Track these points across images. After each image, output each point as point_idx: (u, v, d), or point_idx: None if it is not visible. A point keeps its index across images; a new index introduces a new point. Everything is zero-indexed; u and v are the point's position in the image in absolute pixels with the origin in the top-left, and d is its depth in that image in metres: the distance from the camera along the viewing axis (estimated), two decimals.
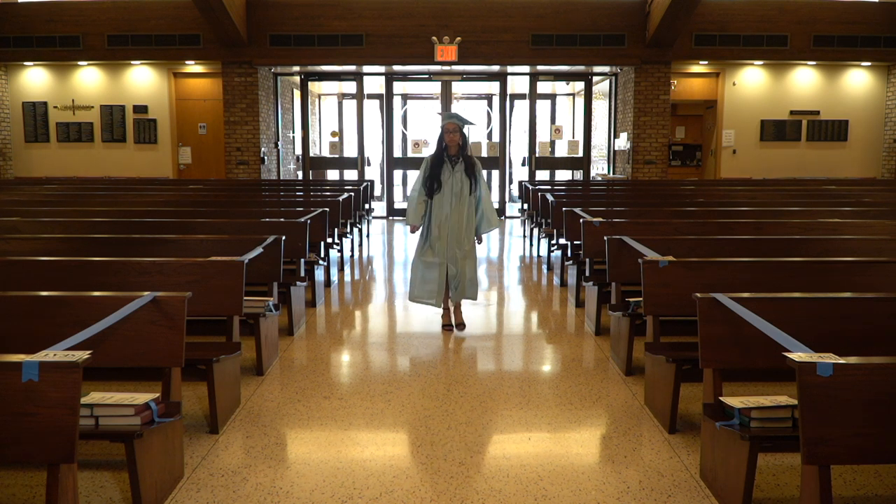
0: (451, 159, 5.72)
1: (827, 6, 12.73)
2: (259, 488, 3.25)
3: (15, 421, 2.41)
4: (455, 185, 5.70)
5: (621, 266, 5.14)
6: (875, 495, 3.21)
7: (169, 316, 3.32)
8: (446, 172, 5.70)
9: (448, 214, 5.72)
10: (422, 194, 5.73)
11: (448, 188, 5.70)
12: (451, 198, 5.71)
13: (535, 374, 5.02)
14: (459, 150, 5.73)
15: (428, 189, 5.71)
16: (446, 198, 5.71)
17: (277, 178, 13.91)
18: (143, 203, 8.29)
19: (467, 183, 5.71)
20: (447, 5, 12.63)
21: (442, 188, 5.70)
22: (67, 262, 4.41)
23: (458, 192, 5.70)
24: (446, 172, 5.70)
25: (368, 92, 14.79)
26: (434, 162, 5.73)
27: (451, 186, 5.70)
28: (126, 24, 12.70)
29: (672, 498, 3.19)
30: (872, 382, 2.51)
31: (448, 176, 5.70)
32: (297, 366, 5.09)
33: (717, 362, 3.34)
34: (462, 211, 5.73)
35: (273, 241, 5.28)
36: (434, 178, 5.70)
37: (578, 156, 14.29)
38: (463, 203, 5.72)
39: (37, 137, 13.59)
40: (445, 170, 5.70)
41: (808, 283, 4.25)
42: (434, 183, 5.69)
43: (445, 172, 5.70)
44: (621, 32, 12.64)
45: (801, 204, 8.11)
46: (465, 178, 5.70)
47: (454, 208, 5.71)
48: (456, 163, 5.72)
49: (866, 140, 13.66)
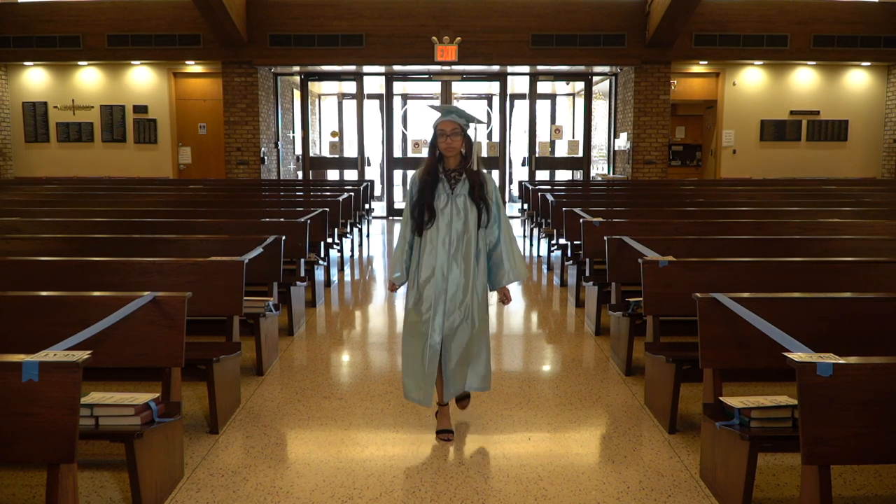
0: (448, 176, 3.73)
1: (827, 6, 12.73)
2: (259, 488, 3.25)
3: (15, 421, 2.41)
4: (455, 216, 3.71)
5: (621, 266, 5.14)
6: (875, 495, 3.21)
7: (169, 316, 3.32)
8: (442, 197, 3.72)
9: (444, 264, 3.70)
10: (405, 231, 3.81)
11: (444, 222, 3.70)
12: (449, 237, 3.71)
13: (535, 374, 5.02)
14: (461, 161, 3.75)
15: (416, 222, 3.75)
16: (441, 236, 3.70)
17: (277, 178, 13.91)
18: (143, 203, 8.29)
19: (473, 213, 3.71)
20: (447, 5, 12.63)
21: (435, 221, 3.72)
22: (67, 262, 4.41)
23: (458, 228, 3.71)
24: (442, 197, 3.72)
25: (368, 92, 14.79)
26: (424, 181, 3.74)
27: (450, 219, 3.71)
28: (126, 24, 12.69)
29: (672, 498, 3.19)
30: (872, 382, 2.51)
31: (445, 202, 3.72)
32: (297, 366, 5.09)
33: (717, 362, 3.34)
34: (466, 257, 3.72)
35: (273, 241, 5.28)
36: (424, 207, 3.72)
37: (578, 156, 14.28)
38: (467, 245, 3.72)
39: (37, 137, 13.58)
40: (441, 193, 3.73)
41: (808, 283, 4.25)
42: (424, 213, 3.72)
43: (441, 197, 3.72)
44: (621, 32, 12.64)
45: (801, 204, 8.11)
46: (469, 205, 3.72)
47: (453, 254, 3.71)
48: (457, 182, 3.72)
49: (866, 140, 13.66)
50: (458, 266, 3.72)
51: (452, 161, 3.76)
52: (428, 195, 3.73)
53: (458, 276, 3.71)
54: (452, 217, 3.72)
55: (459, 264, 3.72)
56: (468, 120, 3.76)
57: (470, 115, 3.77)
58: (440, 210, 3.73)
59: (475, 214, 3.73)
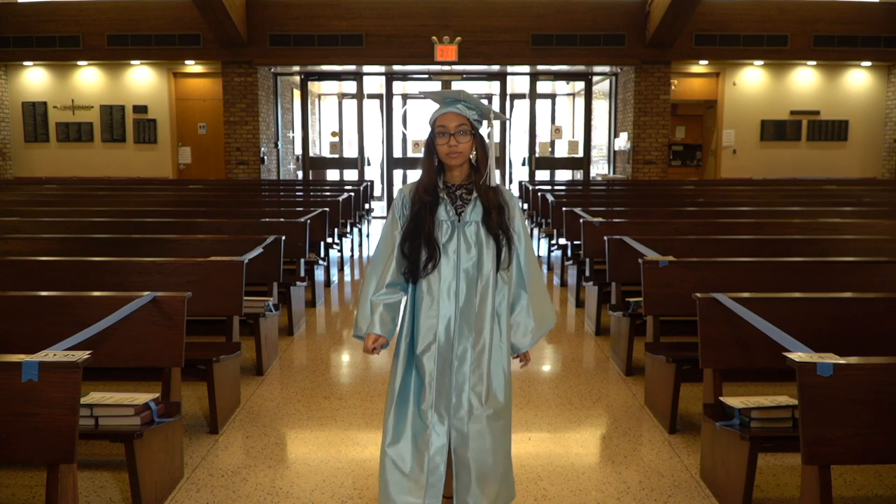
0: (453, 195, 2.59)
1: (827, 6, 12.72)
2: (259, 488, 3.25)
3: (15, 421, 2.41)
4: (465, 253, 2.56)
5: (621, 266, 5.13)
6: (875, 495, 3.21)
7: (169, 316, 3.32)
8: (444, 226, 2.57)
9: (450, 324, 2.54)
10: (390, 274, 2.59)
11: (449, 263, 2.56)
12: (456, 284, 2.55)
13: (535, 374, 5.02)
14: (471, 173, 2.62)
15: (410, 263, 2.58)
16: (445, 284, 2.55)
17: (277, 178, 13.90)
18: (143, 203, 8.29)
19: (490, 249, 2.57)
20: (447, 5, 12.62)
21: (437, 263, 2.55)
22: (67, 262, 4.41)
23: (469, 271, 2.56)
24: (444, 226, 2.57)
25: (368, 92, 14.79)
26: (420, 202, 2.58)
27: (456, 258, 2.56)
28: (126, 24, 12.69)
29: (672, 498, 3.19)
30: (872, 382, 2.51)
31: (449, 234, 2.57)
32: (297, 366, 5.09)
33: (717, 362, 3.34)
34: (481, 313, 2.56)
35: (273, 241, 5.28)
36: (422, 241, 2.56)
37: (578, 156, 14.28)
38: (482, 294, 2.56)
39: (36, 137, 13.58)
40: (443, 220, 2.57)
41: (808, 283, 4.25)
42: (421, 250, 2.56)
43: (443, 226, 2.57)
44: (621, 32, 12.64)
45: (801, 204, 8.11)
46: (484, 237, 2.57)
47: (462, 309, 2.55)
48: (465, 204, 2.58)
49: (866, 140, 13.65)
50: (469, 327, 2.54)
51: (458, 173, 2.58)
52: (427, 223, 2.53)
53: (472, 342, 2.53)
54: (461, 255, 2.55)
55: (472, 324, 2.54)
56: (481, 113, 2.57)
57: (483, 105, 2.58)
58: (446, 244, 2.55)
59: (493, 250, 2.55)
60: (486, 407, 2.53)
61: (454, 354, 2.54)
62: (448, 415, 2.52)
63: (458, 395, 2.53)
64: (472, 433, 2.51)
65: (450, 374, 2.54)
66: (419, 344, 2.56)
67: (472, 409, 2.52)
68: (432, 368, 2.54)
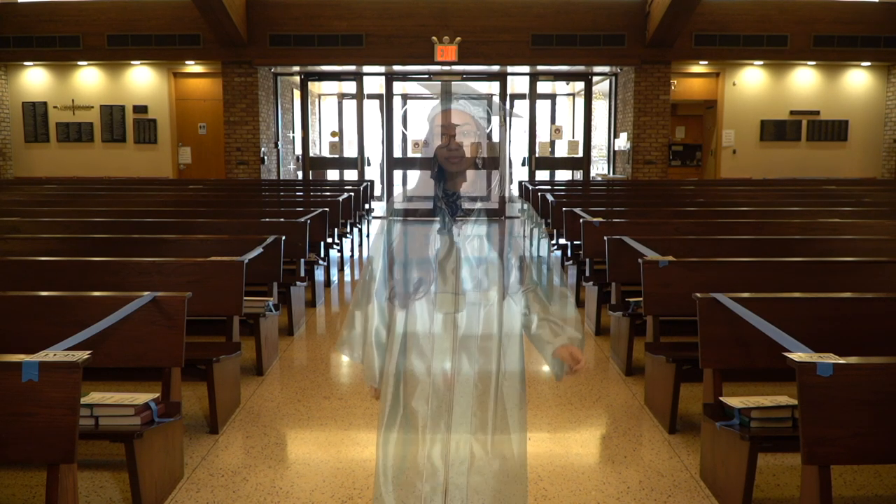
0: (452, 204, 2.18)
1: (827, 6, 12.72)
2: (259, 488, 3.25)
3: (15, 421, 2.41)
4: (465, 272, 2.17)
5: (621, 266, 5.13)
6: (875, 495, 3.21)
7: (169, 316, 3.32)
8: (440, 241, 2.16)
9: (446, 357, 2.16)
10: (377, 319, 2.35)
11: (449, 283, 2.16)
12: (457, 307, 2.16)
13: (534, 374, 5.01)
14: (476, 179, 2.25)
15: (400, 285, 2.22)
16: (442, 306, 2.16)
17: (277, 178, 13.90)
18: (143, 203, 8.28)
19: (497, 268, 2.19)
20: (447, 5, 12.62)
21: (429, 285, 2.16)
22: (67, 262, 4.41)
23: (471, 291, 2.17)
24: (440, 241, 2.16)
25: (368, 92, 14.79)
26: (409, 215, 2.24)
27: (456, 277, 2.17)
28: (126, 24, 12.69)
29: (672, 498, 3.19)
30: (872, 382, 2.51)
31: (446, 251, 2.16)
32: (297, 366, 5.09)
33: (717, 362, 3.34)
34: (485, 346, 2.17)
35: (273, 241, 5.27)
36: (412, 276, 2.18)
37: (578, 156, 14.28)
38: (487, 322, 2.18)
39: (36, 137, 13.58)
40: (447, 249, 2.15)
41: (808, 283, 4.24)
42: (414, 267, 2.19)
43: (439, 240, 2.16)
44: (621, 32, 12.64)
45: (802, 204, 8.11)
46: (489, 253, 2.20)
47: (462, 339, 2.16)
48: (468, 216, 2.19)
49: (866, 140, 13.65)
50: (471, 360, 2.14)
51: (460, 180, 2.17)
52: (423, 251, 2.14)
53: (474, 378, 2.13)
54: (461, 274, 2.14)
55: (475, 358, 2.14)
56: (488, 110, 2.21)
57: (492, 101, 2.25)
58: (437, 263, 2.14)
59: (499, 270, 2.17)
60: (492, 443, 2.11)
61: (453, 394, 2.13)
62: (445, 459, 2.11)
63: (457, 435, 2.11)
64: (472, 476, 2.10)
65: (449, 420, 2.11)
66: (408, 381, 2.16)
67: (475, 447, 2.11)
68: (422, 412, 2.12)
